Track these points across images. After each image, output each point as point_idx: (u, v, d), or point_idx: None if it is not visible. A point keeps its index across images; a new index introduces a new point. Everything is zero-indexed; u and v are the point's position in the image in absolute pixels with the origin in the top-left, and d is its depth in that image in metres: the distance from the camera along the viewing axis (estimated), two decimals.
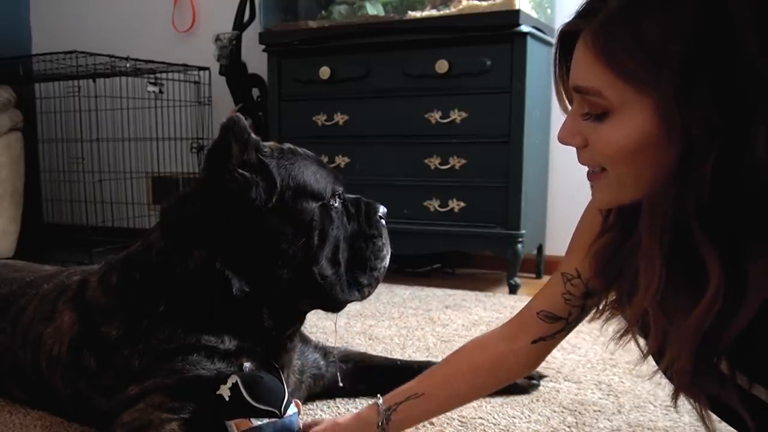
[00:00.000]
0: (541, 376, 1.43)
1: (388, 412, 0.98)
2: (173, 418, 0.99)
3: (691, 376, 0.72)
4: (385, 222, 1.18)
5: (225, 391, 1.00)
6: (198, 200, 1.07)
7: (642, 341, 0.83)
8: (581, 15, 0.75)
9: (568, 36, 0.77)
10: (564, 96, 0.80)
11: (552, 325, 0.95)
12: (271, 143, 1.12)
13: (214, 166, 1.04)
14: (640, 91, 0.67)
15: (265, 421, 0.98)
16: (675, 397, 0.79)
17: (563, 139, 0.77)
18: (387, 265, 1.15)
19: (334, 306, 1.12)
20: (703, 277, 0.67)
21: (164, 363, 1.04)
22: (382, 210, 1.17)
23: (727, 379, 0.72)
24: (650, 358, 0.82)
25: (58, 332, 1.16)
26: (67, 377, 1.14)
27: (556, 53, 0.80)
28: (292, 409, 1.02)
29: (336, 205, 1.11)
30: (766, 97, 0.63)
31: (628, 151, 0.70)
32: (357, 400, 1.33)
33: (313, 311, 1.15)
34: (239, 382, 1.00)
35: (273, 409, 0.99)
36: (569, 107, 0.78)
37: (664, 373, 0.82)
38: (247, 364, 1.05)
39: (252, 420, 0.98)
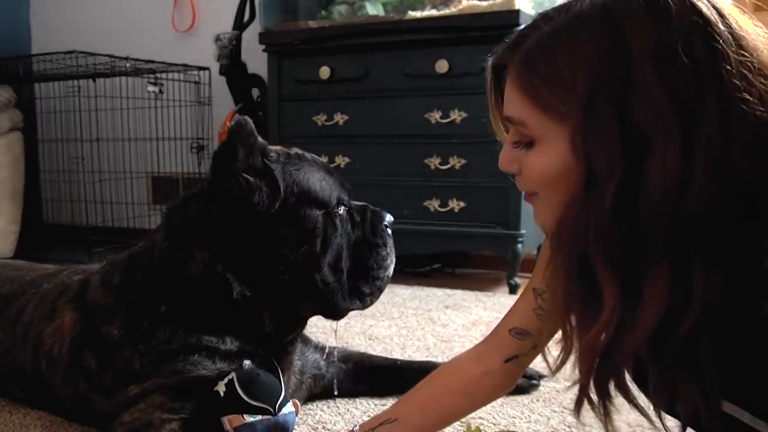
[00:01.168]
0: (540, 376, 1.43)
1: None
2: (173, 418, 0.99)
3: (587, 394, 0.78)
4: (391, 231, 1.17)
5: (221, 387, 1.00)
6: (202, 202, 1.08)
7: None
8: (508, 48, 0.78)
9: (498, 68, 0.81)
10: (500, 125, 0.85)
11: (524, 343, 0.95)
12: (278, 147, 1.13)
13: (219, 169, 1.05)
14: (558, 121, 0.71)
15: (258, 417, 0.99)
16: (577, 405, 0.82)
17: (502, 166, 0.82)
18: (390, 275, 1.15)
19: (335, 313, 1.12)
20: (601, 297, 0.70)
21: (165, 363, 1.03)
22: (389, 219, 1.16)
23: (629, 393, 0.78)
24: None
25: (59, 332, 1.16)
26: (67, 377, 1.13)
27: (489, 84, 0.84)
28: (288, 408, 1.02)
29: (341, 212, 1.10)
30: (661, 128, 0.65)
31: (550, 178, 0.74)
32: (357, 400, 1.33)
33: None
34: (235, 379, 1.00)
35: (266, 407, 1.00)
36: (505, 136, 0.83)
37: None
38: (246, 362, 1.05)
39: (245, 416, 0.98)
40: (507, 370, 0.96)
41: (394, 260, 1.16)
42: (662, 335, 0.68)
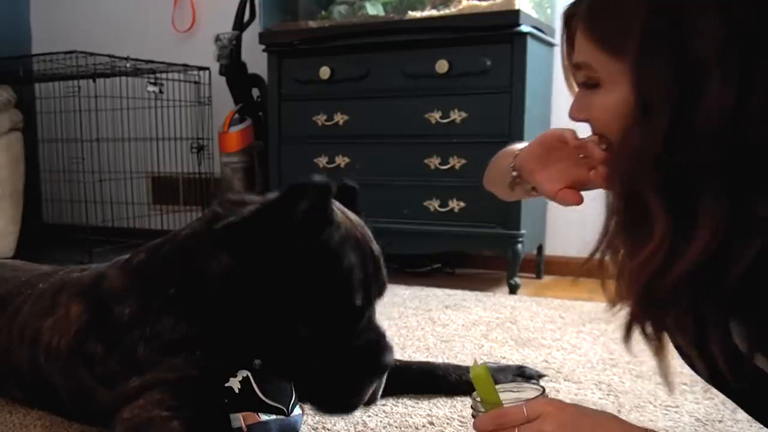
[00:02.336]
0: (540, 376, 1.43)
1: None
2: (175, 416, 0.99)
3: (637, 323, 0.79)
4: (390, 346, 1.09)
5: (235, 383, 1.00)
6: (256, 220, 1.02)
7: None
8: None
9: (569, 19, 0.85)
10: (570, 76, 0.88)
11: None
12: (341, 217, 1.05)
13: (293, 214, 0.99)
14: (619, 59, 0.74)
15: (273, 417, 0.98)
16: (627, 329, 0.83)
17: (572, 115, 0.85)
18: (364, 400, 1.07)
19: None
20: (651, 224, 0.71)
21: (167, 355, 1.03)
22: (389, 359, 1.07)
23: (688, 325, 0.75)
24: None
25: (60, 324, 1.15)
26: (67, 368, 1.13)
27: (562, 37, 0.87)
28: (297, 410, 1.02)
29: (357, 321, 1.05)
30: (719, 60, 0.67)
31: (614, 117, 0.76)
32: None
33: None
34: (251, 377, 1.00)
35: (281, 407, 0.99)
36: (574, 88, 0.86)
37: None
38: (257, 361, 1.04)
39: (260, 415, 0.98)
40: None
41: (378, 392, 1.08)
42: (715, 271, 0.68)
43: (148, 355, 1.04)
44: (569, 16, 0.84)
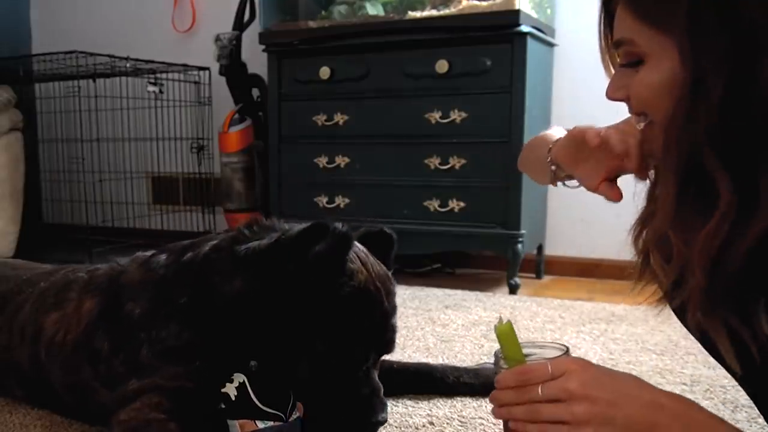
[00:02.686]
0: None
1: None
2: (172, 419, 0.99)
3: (706, 296, 0.71)
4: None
5: (231, 390, 0.99)
6: (265, 257, 1.02)
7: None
8: None
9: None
10: (608, 58, 0.86)
11: None
12: (358, 264, 1.04)
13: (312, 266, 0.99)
14: (665, 33, 0.71)
15: (270, 424, 0.98)
16: (691, 322, 0.78)
17: (610, 94, 0.81)
18: None
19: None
20: (714, 195, 0.69)
21: (169, 362, 1.03)
22: (381, 417, 1.06)
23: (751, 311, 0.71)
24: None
25: (69, 319, 1.15)
26: (70, 364, 1.13)
27: (599, 18, 0.84)
28: (296, 413, 1.02)
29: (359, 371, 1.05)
30: None
31: (661, 93, 0.73)
32: None
33: None
34: (247, 383, 0.99)
35: (279, 413, 0.99)
36: (611, 69, 0.84)
37: (677, 313, 0.83)
38: (252, 363, 1.04)
39: (257, 423, 0.97)
40: None
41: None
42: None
43: (150, 358, 1.04)
44: None
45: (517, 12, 2.24)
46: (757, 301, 0.70)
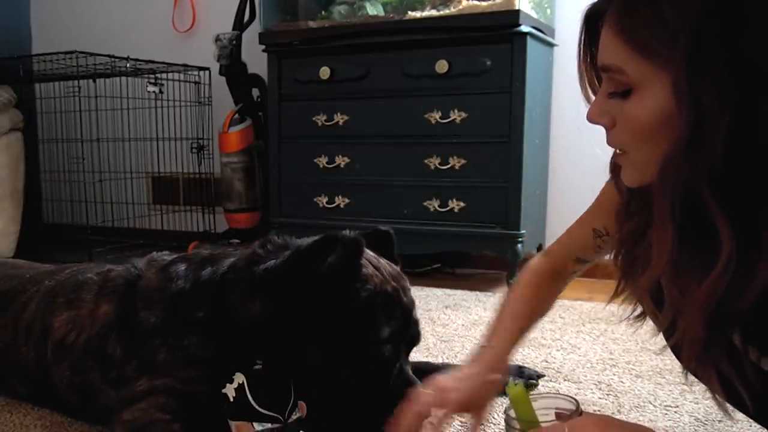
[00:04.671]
0: (539, 376, 1.43)
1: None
2: (176, 419, 0.99)
3: (703, 347, 0.70)
4: None
5: (230, 390, 0.99)
6: (281, 276, 1.03)
7: (649, 321, 0.85)
8: None
9: (592, 17, 0.77)
10: (586, 80, 0.82)
11: (584, 265, 1.07)
12: (374, 273, 1.05)
13: (332, 282, 1.00)
14: (658, 65, 0.68)
15: (268, 426, 0.97)
16: (686, 370, 0.78)
17: (592, 118, 0.77)
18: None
19: None
20: (715, 244, 0.66)
21: (187, 366, 1.03)
22: None
23: (740, 353, 0.71)
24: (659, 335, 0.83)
25: (82, 321, 1.14)
26: (79, 366, 1.12)
27: (581, 36, 0.80)
28: (296, 413, 1.02)
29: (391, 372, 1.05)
30: None
31: (649, 127, 0.70)
32: None
33: None
34: (245, 384, 0.99)
35: (276, 415, 0.99)
36: (590, 93, 0.80)
37: (673, 349, 0.82)
38: (258, 363, 1.04)
39: (254, 425, 0.97)
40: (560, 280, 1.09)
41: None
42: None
43: (170, 361, 1.04)
44: (593, 14, 0.77)
45: (517, 12, 2.24)
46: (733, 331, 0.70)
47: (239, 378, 1.00)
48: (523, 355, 1.61)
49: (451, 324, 1.93)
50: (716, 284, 0.66)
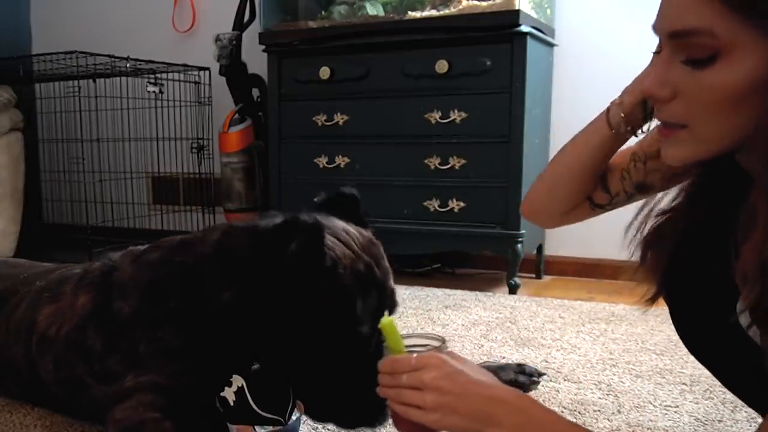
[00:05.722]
0: (540, 374, 1.43)
1: None
2: (166, 417, 0.99)
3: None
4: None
5: (230, 394, 0.98)
6: (249, 262, 1.00)
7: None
8: None
9: None
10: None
11: (602, 195, 1.01)
12: (343, 250, 1.01)
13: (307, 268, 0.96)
14: (760, 28, 0.62)
15: (269, 428, 0.97)
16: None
17: (649, 90, 0.71)
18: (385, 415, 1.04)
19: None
20: None
21: (168, 360, 1.03)
22: None
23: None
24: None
25: (62, 313, 1.14)
26: (62, 359, 1.12)
27: None
28: (295, 413, 1.02)
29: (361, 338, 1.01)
30: None
31: (733, 98, 0.65)
32: None
33: None
34: (245, 387, 0.98)
35: (278, 417, 0.98)
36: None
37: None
38: (255, 366, 1.03)
39: (256, 428, 0.97)
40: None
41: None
42: None
43: (149, 355, 1.03)
44: None
45: (517, 12, 2.24)
46: None
47: (238, 381, 0.99)
48: (523, 355, 1.62)
49: (451, 324, 1.93)
50: None
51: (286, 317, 0.98)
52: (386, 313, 0.88)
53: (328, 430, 1.19)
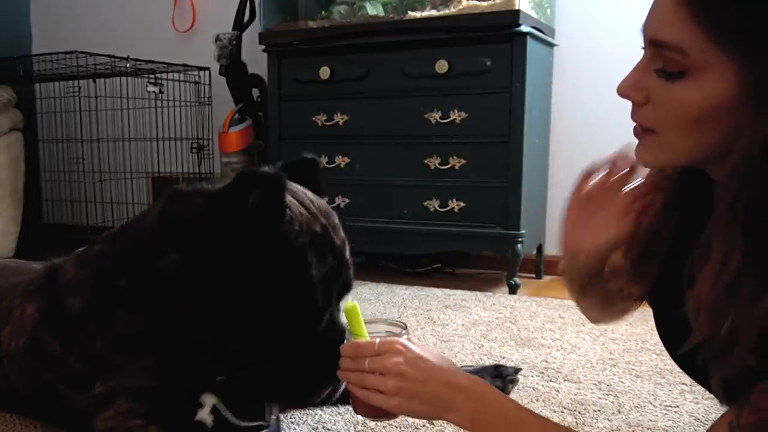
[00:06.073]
0: (517, 370, 1.41)
1: None
2: (151, 421, 0.97)
3: (741, 362, 0.64)
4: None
5: (206, 417, 0.95)
6: (196, 223, 0.96)
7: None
8: None
9: None
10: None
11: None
12: (301, 211, 0.97)
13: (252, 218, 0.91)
14: (731, 52, 0.61)
15: None
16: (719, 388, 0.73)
17: (623, 92, 0.71)
18: (321, 397, 1.03)
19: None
20: None
21: (127, 356, 0.99)
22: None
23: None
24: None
25: (17, 326, 1.11)
26: (29, 370, 1.09)
27: None
28: (274, 412, 1.00)
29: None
30: None
31: (698, 116, 0.64)
32: None
33: None
34: (219, 405, 0.96)
35: (260, 423, 0.97)
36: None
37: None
38: (219, 378, 0.99)
39: None
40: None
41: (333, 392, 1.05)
42: None
43: (106, 353, 1.00)
44: None
45: (517, 12, 2.24)
46: None
47: (210, 400, 0.96)
48: (523, 355, 1.62)
49: (451, 324, 1.93)
50: None
51: (237, 279, 0.93)
52: (349, 298, 0.88)
53: (327, 430, 1.19)
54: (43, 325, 1.08)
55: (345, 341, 0.90)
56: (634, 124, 0.73)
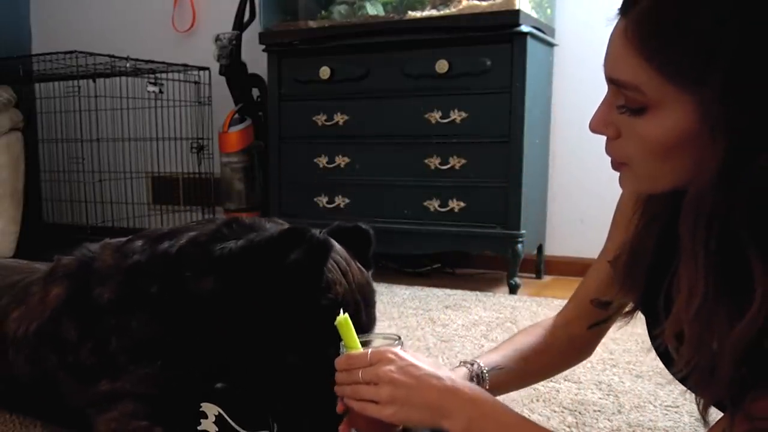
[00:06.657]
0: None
1: (482, 374, 0.99)
2: (155, 423, 0.97)
3: (727, 384, 0.67)
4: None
5: (210, 426, 0.95)
6: (239, 261, 0.97)
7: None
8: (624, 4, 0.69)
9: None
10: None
11: (604, 311, 0.98)
12: (340, 280, 0.99)
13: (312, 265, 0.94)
14: (683, 87, 0.62)
15: None
16: (706, 408, 0.79)
17: (595, 128, 0.73)
18: None
19: None
20: (749, 284, 0.62)
21: (136, 362, 1.00)
22: None
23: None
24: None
25: (32, 310, 1.11)
26: (36, 356, 1.09)
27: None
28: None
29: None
30: None
31: (664, 148, 0.66)
32: None
33: None
34: (223, 413, 0.95)
35: (265, 430, 0.97)
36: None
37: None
38: (218, 384, 1.00)
39: None
40: (590, 334, 1.03)
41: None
42: None
43: (118, 353, 1.00)
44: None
45: (517, 12, 2.24)
46: None
47: (213, 410, 0.96)
48: None
49: (451, 324, 1.93)
50: (750, 327, 0.62)
51: (263, 323, 0.96)
52: (341, 311, 0.87)
53: None
54: (67, 308, 1.08)
55: (339, 355, 0.89)
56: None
